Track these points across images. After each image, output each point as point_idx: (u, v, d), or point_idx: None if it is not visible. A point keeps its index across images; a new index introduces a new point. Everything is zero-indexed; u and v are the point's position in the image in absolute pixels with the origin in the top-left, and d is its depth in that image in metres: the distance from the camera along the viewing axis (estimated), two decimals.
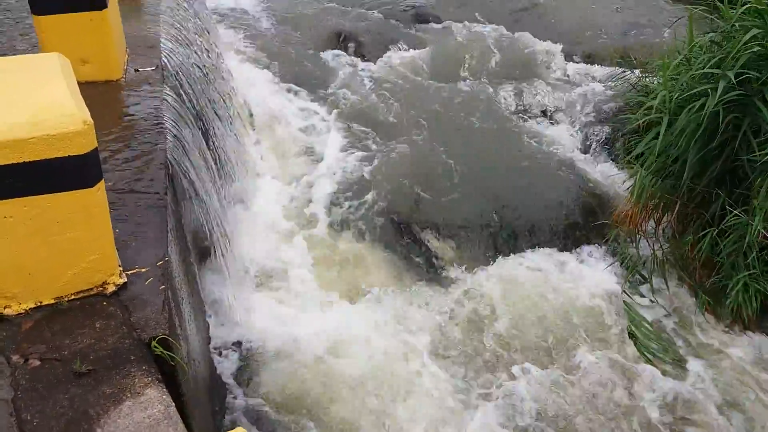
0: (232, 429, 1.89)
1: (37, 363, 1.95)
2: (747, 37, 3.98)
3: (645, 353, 4.11)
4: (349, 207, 4.78)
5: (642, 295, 4.53)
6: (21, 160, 1.96)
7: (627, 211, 4.75)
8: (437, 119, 5.73)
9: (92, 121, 2.01)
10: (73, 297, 2.17)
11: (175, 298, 2.38)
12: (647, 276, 4.57)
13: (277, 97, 5.63)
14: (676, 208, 4.44)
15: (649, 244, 4.61)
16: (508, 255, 4.64)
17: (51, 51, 3.32)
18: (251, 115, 5.35)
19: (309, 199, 4.86)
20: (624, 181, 5.05)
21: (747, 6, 4.16)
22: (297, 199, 4.85)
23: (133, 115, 3.29)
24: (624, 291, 4.44)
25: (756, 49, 3.98)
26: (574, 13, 7.75)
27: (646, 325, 4.32)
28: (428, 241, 4.63)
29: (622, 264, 4.64)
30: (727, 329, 4.31)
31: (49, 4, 3.36)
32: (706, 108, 4.00)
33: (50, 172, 1.99)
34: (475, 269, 4.52)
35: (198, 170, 3.31)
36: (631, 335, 4.19)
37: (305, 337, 3.77)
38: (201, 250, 3.53)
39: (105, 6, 3.45)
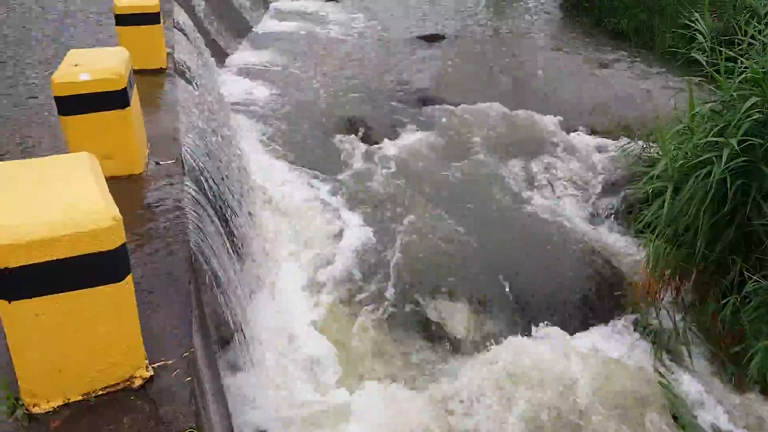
0: None
1: None
2: (747, 105, 4.10)
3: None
4: (366, 287, 4.80)
5: (673, 370, 4.43)
6: (52, 258, 2.01)
7: (644, 282, 4.73)
8: (448, 197, 5.84)
9: (121, 217, 2.09)
10: (100, 392, 2.17)
11: (201, 389, 2.38)
12: (672, 347, 4.50)
13: (293, 182, 5.78)
14: (693, 277, 4.43)
15: (669, 315, 4.57)
16: (527, 332, 4.60)
17: (76, 148, 3.50)
18: (268, 199, 5.47)
19: (325, 282, 4.89)
20: (638, 251, 5.06)
21: (744, 75, 4.30)
22: (314, 282, 4.88)
23: (155, 207, 3.38)
24: (656, 370, 4.34)
25: (757, 116, 4.08)
26: (572, 88, 8.02)
27: (685, 402, 4.19)
28: (441, 319, 4.61)
29: (644, 336, 4.57)
30: (756, 396, 4.20)
31: (76, 106, 3.53)
32: (712, 176, 4.07)
33: (80, 269, 2.04)
34: (494, 349, 4.46)
35: (219, 258, 3.37)
36: (675, 417, 4.05)
37: (323, 422, 3.71)
38: (221, 337, 3.54)
39: (128, 104, 3.62)
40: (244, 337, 3.52)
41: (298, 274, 4.90)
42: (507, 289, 4.82)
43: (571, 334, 4.61)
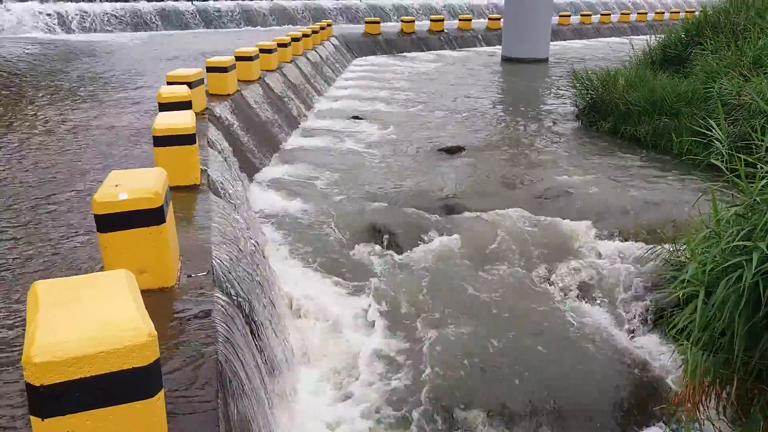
0: None
1: None
2: None
3: None
4: (392, 400, 4.70)
5: None
6: (87, 375, 2.06)
7: (683, 390, 4.55)
8: (474, 304, 5.81)
9: (156, 333, 2.14)
10: None
11: None
12: None
13: (318, 291, 5.84)
14: (735, 384, 4.26)
15: (714, 427, 4.35)
16: None
17: (112, 263, 3.64)
18: (294, 309, 5.50)
19: (351, 393, 4.81)
20: (673, 358, 4.91)
21: (766, 180, 4.36)
22: (338, 394, 4.80)
23: (186, 319, 3.44)
24: None
25: None
26: (594, 194, 8.13)
27: None
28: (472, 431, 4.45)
29: None
30: None
31: (114, 223, 3.70)
32: (744, 280, 4.02)
33: (114, 385, 2.08)
34: None
35: (247, 369, 3.37)
36: None
37: None
38: None
39: (164, 221, 3.78)
40: None
41: (323, 385, 4.83)
42: (538, 400, 4.67)
43: None
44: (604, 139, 11.53)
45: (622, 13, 39.89)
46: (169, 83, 8.38)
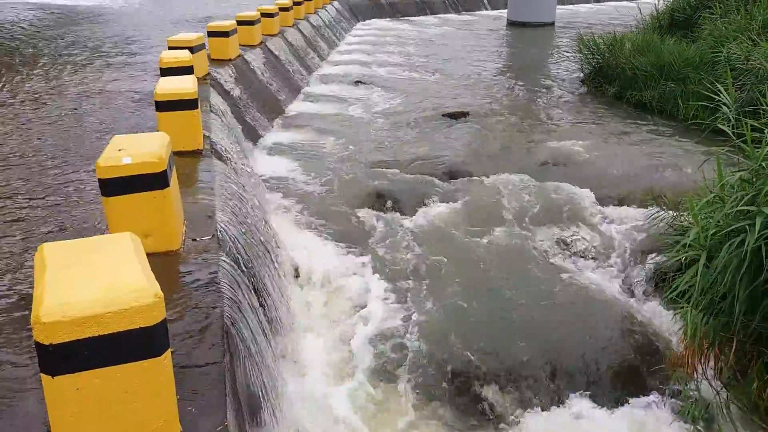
0: None
1: None
2: None
3: None
4: (395, 359, 4.77)
5: None
6: (95, 334, 2.09)
7: (683, 353, 4.61)
8: (477, 268, 5.84)
9: (162, 294, 2.17)
10: None
11: None
12: (716, 422, 4.32)
13: (321, 255, 5.87)
14: (734, 347, 4.30)
15: (712, 387, 4.41)
16: (560, 404, 4.48)
17: (117, 227, 3.66)
18: (297, 272, 5.55)
19: (354, 353, 4.88)
20: (674, 321, 4.95)
21: None
22: (342, 354, 4.87)
23: (191, 282, 3.48)
24: None
25: None
26: (599, 159, 8.09)
27: None
28: (474, 392, 4.53)
29: (685, 411, 4.41)
30: None
31: (118, 187, 3.71)
32: (746, 244, 4.03)
33: (122, 344, 2.11)
34: (528, 421, 4.36)
35: (252, 331, 3.42)
36: None
37: None
38: (252, 408, 3.53)
39: (168, 185, 3.80)
40: (274, 410, 3.51)
41: (327, 345, 4.89)
42: (538, 361, 4.73)
43: (606, 406, 4.47)
44: (610, 105, 11.43)
45: None
46: (170, 48, 8.30)
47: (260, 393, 3.41)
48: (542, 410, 4.44)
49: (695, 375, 4.47)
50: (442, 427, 4.30)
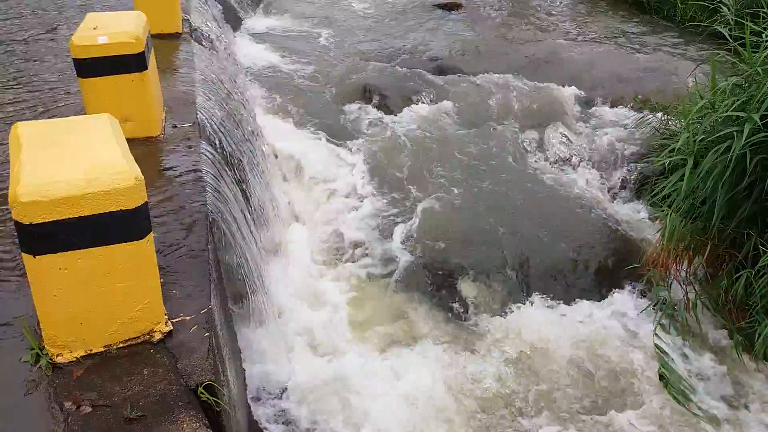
0: None
1: (89, 409, 2.01)
2: None
3: (676, 396, 4.03)
4: (377, 254, 4.85)
5: (676, 341, 4.46)
6: (77, 215, 2.06)
7: (658, 254, 4.73)
8: (462, 167, 5.83)
9: (143, 177, 2.13)
10: (121, 345, 2.24)
11: (218, 345, 2.44)
12: (682, 319, 4.52)
13: (307, 148, 5.79)
14: (708, 250, 4.42)
15: (681, 287, 4.58)
16: (537, 301, 4.64)
17: (95, 111, 3.54)
18: (281, 164, 5.50)
19: (338, 246, 4.95)
20: (652, 224, 5.05)
21: None
22: (327, 246, 4.94)
23: (173, 169, 3.42)
24: (656, 334, 4.39)
25: None
26: (592, 60, 7.89)
27: (679, 369, 4.24)
28: (455, 287, 4.66)
29: (654, 308, 4.60)
30: (762, 371, 4.22)
31: (94, 68, 3.56)
32: (732, 150, 4.03)
33: (103, 226, 2.09)
34: (504, 316, 4.52)
35: (236, 219, 3.42)
36: (662, 378, 4.12)
37: (338, 382, 3.80)
38: (237, 296, 3.61)
39: (146, 67, 3.64)
40: (259, 297, 3.58)
41: (312, 238, 4.95)
42: (518, 257, 4.85)
43: (581, 301, 4.66)
44: (607, 3, 11.01)
45: None
46: None
47: (244, 279, 3.47)
48: (520, 304, 4.60)
49: (669, 276, 4.62)
50: (422, 317, 4.44)
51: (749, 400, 4.09)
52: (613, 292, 4.74)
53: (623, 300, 4.69)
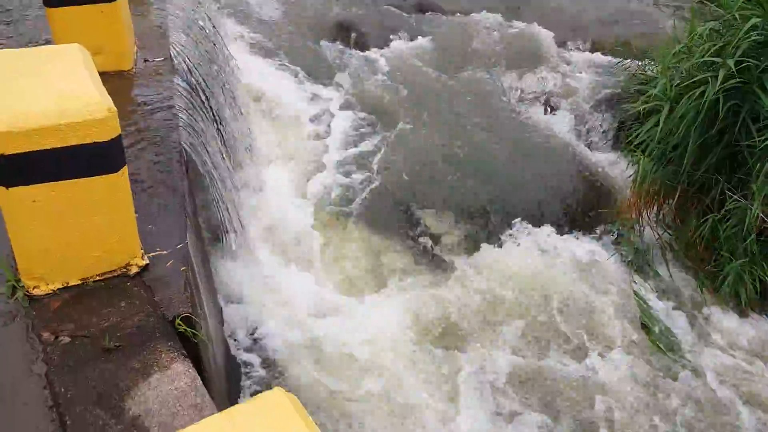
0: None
1: (67, 340, 2.04)
2: (747, 26, 4.05)
3: (658, 344, 4.19)
4: (354, 193, 4.87)
5: (649, 284, 4.60)
6: (49, 147, 2.03)
7: (630, 199, 4.83)
8: (439, 107, 5.81)
9: (116, 109, 2.09)
10: (98, 278, 2.25)
11: (194, 279, 2.47)
12: (652, 263, 4.66)
13: (282, 85, 5.71)
14: (677, 194, 4.53)
15: (652, 231, 4.70)
16: (511, 238, 4.73)
17: (63, 42, 3.42)
18: (257, 101, 5.42)
19: (314, 185, 4.95)
20: (626, 169, 5.13)
21: None
22: (302, 185, 4.94)
23: (146, 104, 3.36)
24: (633, 281, 4.51)
25: (756, 37, 4.05)
26: (574, 3, 7.80)
27: (657, 315, 4.39)
28: (430, 227, 4.72)
29: (626, 252, 4.72)
30: (728, 312, 4.40)
31: None
32: (706, 95, 4.08)
33: (77, 158, 2.07)
34: (473, 253, 4.60)
35: (211, 156, 3.39)
36: (644, 326, 4.26)
37: (313, 321, 3.88)
38: (213, 233, 3.62)
39: None
40: (235, 234, 3.60)
41: (287, 177, 4.94)
42: (493, 198, 4.91)
43: (554, 241, 4.75)
44: None
45: None
46: None
47: (220, 216, 3.47)
48: (492, 242, 4.69)
49: (640, 220, 4.73)
50: (393, 252, 4.51)
51: (713, 335, 4.29)
52: (585, 236, 4.85)
53: (595, 244, 4.80)
